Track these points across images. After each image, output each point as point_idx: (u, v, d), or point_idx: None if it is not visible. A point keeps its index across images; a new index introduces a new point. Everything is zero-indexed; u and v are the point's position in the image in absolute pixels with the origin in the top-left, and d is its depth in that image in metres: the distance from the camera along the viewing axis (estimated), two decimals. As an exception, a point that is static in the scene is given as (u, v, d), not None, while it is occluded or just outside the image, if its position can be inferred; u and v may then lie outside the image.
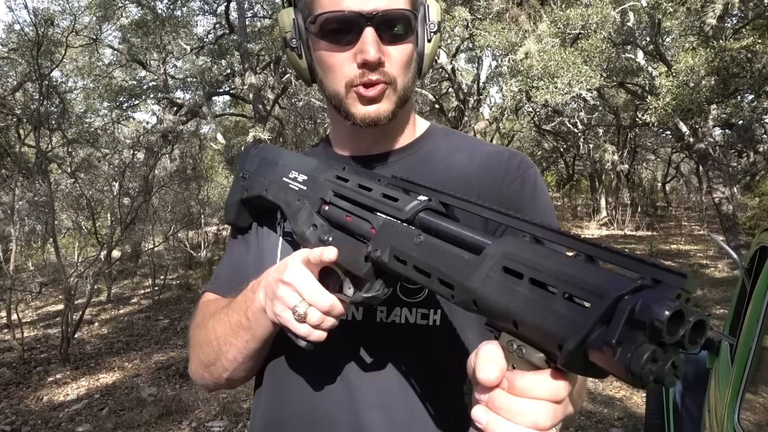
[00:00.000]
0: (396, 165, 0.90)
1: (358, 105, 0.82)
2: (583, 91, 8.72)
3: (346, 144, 0.94)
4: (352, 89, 0.81)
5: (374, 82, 0.80)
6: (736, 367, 1.66)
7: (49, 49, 8.01)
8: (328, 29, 0.79)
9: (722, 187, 9.12)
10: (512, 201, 0.86)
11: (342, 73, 0.81)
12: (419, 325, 0.82)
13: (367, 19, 0.78)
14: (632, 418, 3.84)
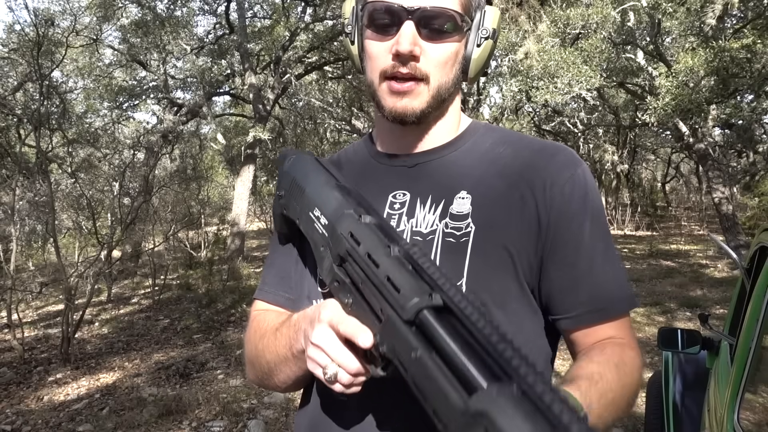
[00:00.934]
0: (435, 163, 0.90)
1: (388, 97, 0.83)
2: (583, 91, 8.72)
3: (386, 140, 0.94)
4: (385, 80, 0.82)
5: (405, 76, 0.81)
6: (736, 366, 1.67)
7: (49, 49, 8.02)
8: (373, 18, 0.82)
9: (722, 187, 9.13)
10: (561, 208, 0.82)
11: (378, 62, 0.82)
12: None
13: (409, 12, 0.79)
14: (632, 418, 3.84)
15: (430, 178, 0.89)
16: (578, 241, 0.82)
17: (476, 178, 0.87)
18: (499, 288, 0.80)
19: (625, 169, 17.48)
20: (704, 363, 2.46)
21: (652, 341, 5.35)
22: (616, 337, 0.82)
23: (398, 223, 0.87)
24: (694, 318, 6.18)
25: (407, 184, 0.90)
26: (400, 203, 0.88)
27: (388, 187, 0.90)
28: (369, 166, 0.95)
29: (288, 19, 12.45)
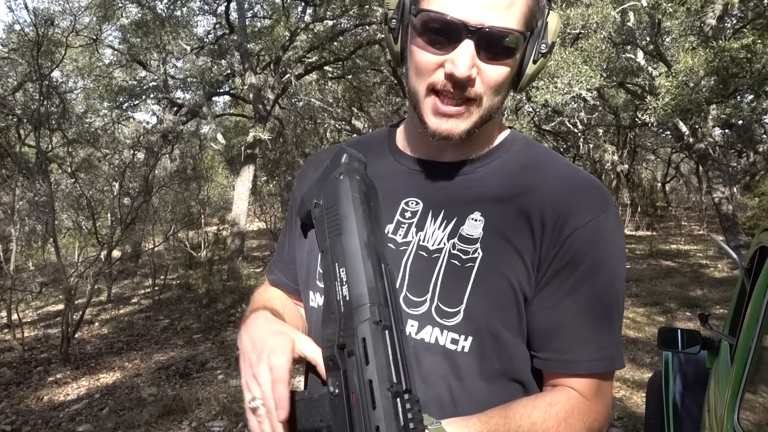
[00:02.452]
0: (457, 177, 0.85)
1: (432, 116, 0.78)
2: (583, 91, 8.72)
3: (415, 144, 0.89)
4: (432, 95, 0.77)
5: (455, 97, 0.76)
6: (736, 366, 1.67)
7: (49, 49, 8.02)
8: (428, 27, 0.75)
9: (722, 187, 9.13)
10: (567, 252, 0.78)
11: (428, 74, 0.76)
12: (448, 349, 0.79)
13: (470, 31, 0.72)
14: (632, 418, 3.84)
15: (447, 192, 0.85)
16: (571, 289, 0.78)
17: (494, 201, 0.82)
18: (496, 318, 0.78)
19: (625, 169, 17.47)
20: (704, 363, 2.46)
21: (652, 341, 5.34)
22: (581, 393, 0.80)
23: (407, 233, 0.84)
24: (694, 318, 6.18)
25: (422, 192, 0.86)
26: (411, 212, 0.85)
27: (403, 193, 0.87)
28: (388, 163, 0.91)
29: (288, 19, 12.45)
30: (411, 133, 0.90)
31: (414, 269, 0.82)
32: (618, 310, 0.81)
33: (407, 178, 0.88)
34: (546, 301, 0.79)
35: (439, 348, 0.79)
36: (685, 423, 2.41)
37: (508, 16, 0.73)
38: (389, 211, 0.85)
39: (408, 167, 0.89)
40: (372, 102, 17.32)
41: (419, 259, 0.82)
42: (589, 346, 0.79)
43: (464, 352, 0.78)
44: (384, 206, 0.85)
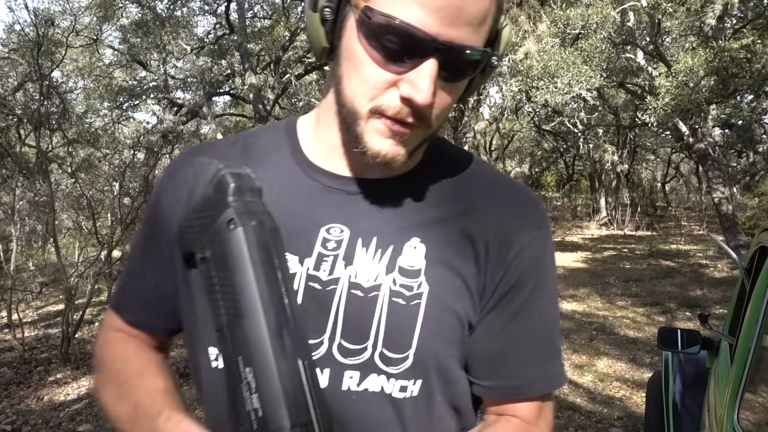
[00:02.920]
0: (391, 198, 0.71)
1: (376, 137, 0.64)
2: (582, 91, 8.72)
3: (333, 155, 0.72)
4: (376, 117, 0.63)
5: (408, 124, 0.63)
6: (736, 366, 1.67)
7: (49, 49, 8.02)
8: (385, 37, 0.59)
9: (722, 187, 9.13)
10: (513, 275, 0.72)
11: (374, 92, 0.62)
12: (395, 398, 0.69)
13: (438, 48, 0.59)
14: (632, 418, 3.84)
15: (377, 215, 0.71)
16: (517, 312, 0.72)
17: (433, 223, 0.71)
18: (446, 356, 0.71)
19: (625, 169, 17.48)
20: (704, 363, 2.46)
21: (652, 341, 5.35)
22: (525, 418, 0.75)
23: (333, 268, 0.69)
24: (694, 318, 6.19)
25: (346, 216, 0.70)
26: (335, 241, 0.69)
27: (322, 217, 0.70)
28: (295, 179, 0.73)
29: (288, 19, 12.45)
30: (327, 142, 0.72)
31: (349, 312, 0.68)
32: (558, 326, 0.77)
33: (325, 199, 0.71)
34: (491, 327, 0.72)
35: (386, 397, 0.69)
36: (685, 423, 2.41)
37: (479, 32, 0.61)
38: (306, 241, 0.69)
39: (324, 185, 0.72)
40: (372, 102, 17.31)
41: (354, 300, 0.68)
42: (537, 368, 0.74)
43: (413, 397, 0.70)
44: (298, 235, 0.69)
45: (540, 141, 22.93)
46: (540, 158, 23.88)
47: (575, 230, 16.06)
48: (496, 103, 19.15)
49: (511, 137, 23.89)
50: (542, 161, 23.83)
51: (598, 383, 4.49)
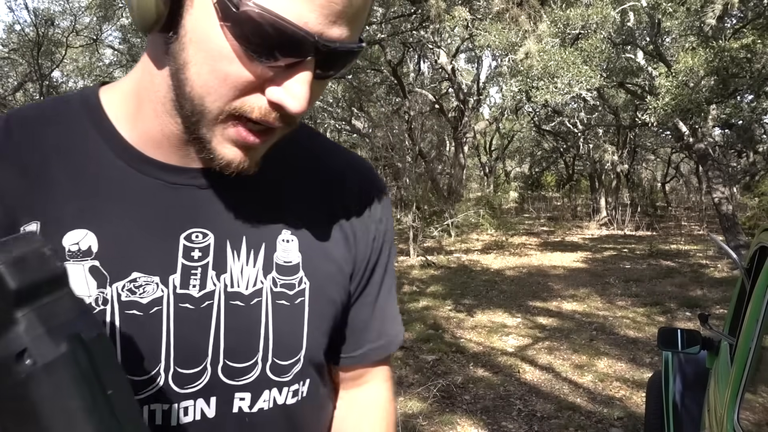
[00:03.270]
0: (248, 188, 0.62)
1: (228, 145, 0.53)
2: (582, 91, 8.72)
3: (168, 146, 0.57)
4: (232, 122, 0.52)
5: (270, 130, 0.54)
6: (736, 366, 1.67)
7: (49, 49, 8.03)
8: (253, 29, 0.47)
9: (722, 187, 9.13)
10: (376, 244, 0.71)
11: (234, 93, 0.50)
12: (289, 405, 0.64)
13: (319, 50, 0.49)
14: (632, 418, 3.84)
15: (239, 211, 0.61)
16: (381, 278, 0.73)
17: (300, 211, 0.65)
18: (324, 347, 0.68)
19: (625, 169, 17.48)
20: (704, 363, 2.46)
21: (652, 341, 5.35)
22: (383, 379, 0.78)
23: (203, 282, 0.58)
24: (694, 318, 6.18)
25: (205, 217, 0.59)
26: (200, 250, 0.58)
27: (176, 223, 0.58)
28: (124, 177, 0.57)
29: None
30: (156, 130, 0.57)
31: (231, 327, 0.59)
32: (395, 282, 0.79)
33: (173, 200, 0.58)
34: (364, 300, 0.72)
35: (279, 409, 0.64)
36: (685, 423, 2.41)
37: (358, 27, 0.53)
38: (164, 255, 0.57)
39: (167, 181, 0.58)
40: (372, 102, 17.32)
41: (235, 312, 0.60)
42: (396, 323, 0.77)
43: (304, 398, 0.66)
44: (151, 250, 0.57)
45: (540, 141, 22.94)
46: (540, 158, 23.88)
47: (575, 230, 16.06)
48: (496, 103, 19.17)
49: (511, 137, 23.90)
50: (542, 161, 23.84)
51: (598, 383, 4.48)
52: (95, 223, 0.55)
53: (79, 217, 0.54)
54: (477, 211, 13.30)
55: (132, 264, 0.55)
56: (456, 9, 9.08)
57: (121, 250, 0.55)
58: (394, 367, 0.77)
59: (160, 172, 0.58)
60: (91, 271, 0.54)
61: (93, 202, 0.55)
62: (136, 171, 0.57)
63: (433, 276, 9.15)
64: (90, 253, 0.54)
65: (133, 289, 0.55)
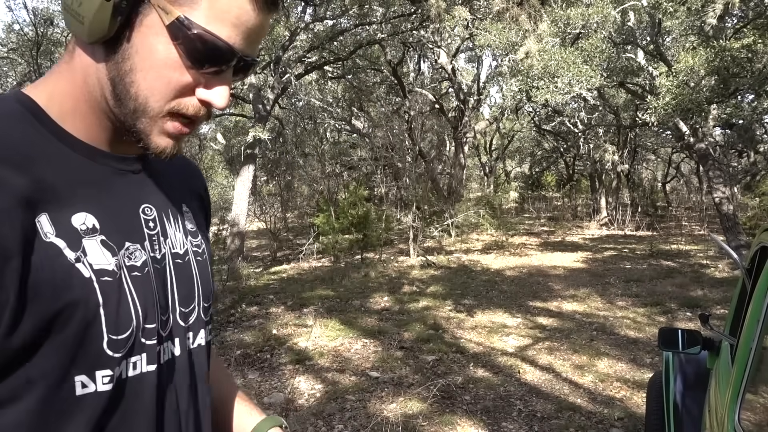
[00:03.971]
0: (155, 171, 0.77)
1: (163, 137, 0.67)
2: (583, 90, 8.71)
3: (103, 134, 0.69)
4: (170, 118, 0.66)
5: (196, 122, 0.69)
6: (737, 367, 1.66)
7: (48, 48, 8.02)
8: (196, 45, 0.63)
9: (722, 187, 9.12)
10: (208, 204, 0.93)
11: (175, 94, 0.65)
12: (207, 342, 0.82)
13: (240, 60, 0.66)
14: (632, 419, 3.83)
15: (160, 189, 0.77)
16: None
17: (181, 188, 0.83)
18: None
19: (625, 169, 17.47)
20: (705, 363, 2.45)
21: (652, 341, 5.33)
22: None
23: (160, 246, 0.74)
24: (694, 318, 6.17)
25: (146, 195, 0.75)
26: (152, 221, 0.74)
27: (132, 201, 0.73)
28: (83, 166, 0.67)
29: (288, 18, 12.44)
30: (90, 121, 0.68)
31: (180, 280, 0.76)
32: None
33: (123, 183, 0.72)
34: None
35: (205, 345, 0.81)
36: (686, 423, 2.40)
37: (258, 47, 0.72)
38: (136, 227, 0.71)
39: (114, 167, 0.71)
40: (372, 102, 17.32)
41: (180, 268, 0.77)
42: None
43: (212, 335, 0.84)
44: (129, 223, 0.71)
45: (540, 141, 22.94)
46: (540, 158, 23.88)
47: (575, 230, 16.05)
48: (496, 103, 19.16)
49: (511, 137, 23.89)
50: (542, 161, 23.83)
51: (599, 384, 4.47)
52: (87, 206, 0.66)
53: (74, 202, 0.64)
54: (477, 211, 13.29)
55: (123, 236, 0.69)
56: (456, 9, 9.07)
57: (113, 225, 0.67)
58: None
59: (109, 160, 0.71)
60: (103, 244, 0.65)
61: (76, 189, 0.65)
62: (92, 162, 0.69)
63: (433, 276, 9.14)
64: (96, 230, 0.65)
65: (129, 255, 0.68)
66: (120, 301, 0.65)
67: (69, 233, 0.62)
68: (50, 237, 0.60)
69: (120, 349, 0.65)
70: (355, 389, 4.40)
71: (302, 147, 16.44)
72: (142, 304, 0.67)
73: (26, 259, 0.57)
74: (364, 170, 17.52)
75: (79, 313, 0.61)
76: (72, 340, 0.61)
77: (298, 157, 16.06)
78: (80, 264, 0.62)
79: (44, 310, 0.58)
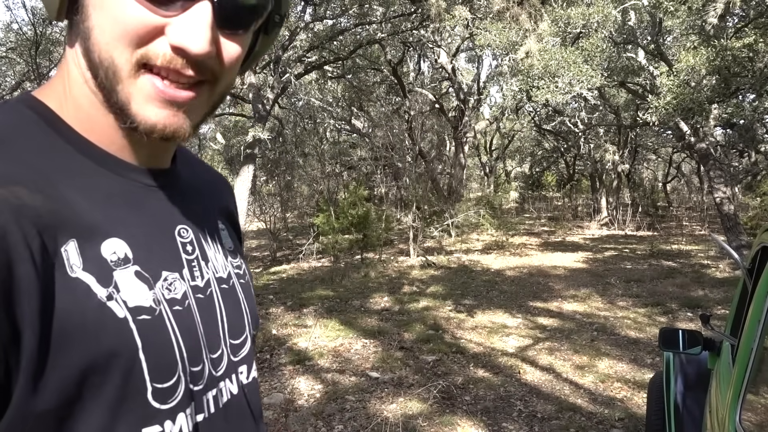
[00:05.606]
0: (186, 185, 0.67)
1: (150, 104, 0.53)
2: (583, 90, 8.69)
3: (127, 143, 0.58)
4: (144, 72, 0.52)
5: (182, 79, 0.53)
6: (738, 367, 1.65)
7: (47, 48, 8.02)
8: None
9: (723, 187, 9.10)
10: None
11: (137, 39, 0.51)
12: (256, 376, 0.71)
13: None
14: (633, 419, 3.82)
15: (192, 207, 0.65)
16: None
17: (215, 203, 0.73)
18: None
19: (626, 168, 17.46)
20: (706, 364, 2.44)
21: (653, 342, 5.32)
22: None
23: (201, 272, 0.63)
24: (695, 318, 6.16)
25: (180, 214, 0.63)
26: (189, 244, 0.62)
27: (167, 223, 0.61)
28: (109, 183, 0.56)
29: (288, 18, 12.45)
30: (97, 120, 0.56)
31: (229, 309, 0.66)
32: None
33: (153, 201, 0.60)
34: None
35: (256, 379, 0.70)
36: (687, 424, 2.39)
37: None
38: (173, 253, 0.60)
39: (144, 183, 0.59)
40: (372, 101, 17.31)
41: (226, 295, 0.66)
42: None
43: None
44: (164, 249, 0.59)
45: (540, 141, 22.93)
46: (540, 158, 23.87)
47: (576, 230, 16.04)
48: (496, 103, 19.15)
49: (511, 137, 23.89)
50: (543, 161, 23.82)
51: (599, 384, 4.46)
52: (118, 230, 0.54)
53: (102, 227, 0.53)
54: (477, 211, 13.27)
55: (159, 264, 0.57)
56: (456, 8, 9.06)
57: (147, 253, 0.56)
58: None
59: (136, 174, 0.59)
60: (137, 276, 0.54)
61: (103, 211, 0.54)
62: (118, 177, 0.57)
63: (433, 276, 9.13)
64: (128, 259, 0.54)
65: (168, 287, 0.57)
66: (162, 343, 0.54)
67: (98, 265, 0.51)
68: (77, 271, 0.50)
69: (168, 399, 0.54)
70: (355, 389, 4.39)
71: (302, 147, 16.43)
72: (187, 343, 0.57)
73: (49, 300, 0.47)
74: (364, 170, 17.51)
75: (117, 362, 0.50)
76: (112, 396, 0.50)
77: (297, 157, 16.06)
78: (113, 302, 0.51)
79: (73, 362, 0.48)
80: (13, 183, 0.48)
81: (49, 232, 0.48)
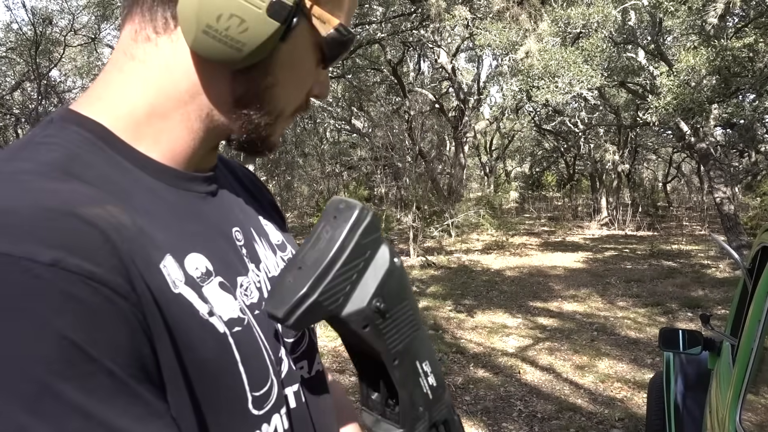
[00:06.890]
0: (230, 185, 0.68)
1: (280, 132, 0.63)
2: (583, 90, 8.70)
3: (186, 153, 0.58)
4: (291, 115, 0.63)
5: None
6: (738, 367, 1.65)
7: (47, 48, 8.01)
8: (338, 47, 0.59)
9: (723, 187, 9.10)
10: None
11: (302, 93, 0.62)
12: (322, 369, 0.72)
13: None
14: (633, 419, 3.81)
15: (235, 206, 0.67)
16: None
17: (254, 200, 0.74)
18: None
19: (626, 168, 17.45)
20: (706, 364, 2.43)
21: (653, 342, 5.32)
22: None
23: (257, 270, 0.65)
24: (695, 318, 6.15)
25: (230, 216, 0.64)
26: (243, 246, 0.63)
27: (225, 229, 0.62)
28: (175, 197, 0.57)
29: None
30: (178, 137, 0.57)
31: None
32: None
33: (210, 208, 0.62)
34: None
35: (322, 373, 0.72)
36: (687, 424, 2.39)
37: None
38: (238, 257, 0.61)
39: (198, 191, 0.61)
40: (372, 101, 17.31)
41: None
42: None
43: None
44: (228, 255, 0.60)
45: (540, 141, 22.93)
46: (540, 158, 23.87)
47: (576, 230, 16.04)
48: (496, 103, 19.15)
49: (511, 137, 23.89)
50: (543, 161, 23.83)
51: (599, 384, 4.46)
52: (194, 244, 0.54)
53: (183, 242, 0.53)
54: (477, 211, 13.27)
55: (234, 272, 0.58)
56: (456, 8, 9.06)
57: (222, 262, 0.57)
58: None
59: (191, 184, 0.60)
60: (222, 287, 0.55)
61: (176, 225, 0.54)
62: (173, 187, 0.57)
63: (433, 276, 9.13)
64: (210, 272, 0.54)
65: (245, 293, 0.58)
66: (256, 351, 0.55)
67: (191, 282, 0.51)
68: (179, 286, 0.49)
69: (263, 404, 0.55)
70: (355, 390, 4.39)
71: (302, 147, 16.44)
72: (271, 346, 0.58)
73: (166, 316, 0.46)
74: (364, 170, 17.51)
75: (224, 381, 0.50)
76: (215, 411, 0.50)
77: (297, 156, 16.06)
78: (214, 318, 0.50)
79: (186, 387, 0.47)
80: (104, 202, 0.47)
81: (146, 250, 0.47)
